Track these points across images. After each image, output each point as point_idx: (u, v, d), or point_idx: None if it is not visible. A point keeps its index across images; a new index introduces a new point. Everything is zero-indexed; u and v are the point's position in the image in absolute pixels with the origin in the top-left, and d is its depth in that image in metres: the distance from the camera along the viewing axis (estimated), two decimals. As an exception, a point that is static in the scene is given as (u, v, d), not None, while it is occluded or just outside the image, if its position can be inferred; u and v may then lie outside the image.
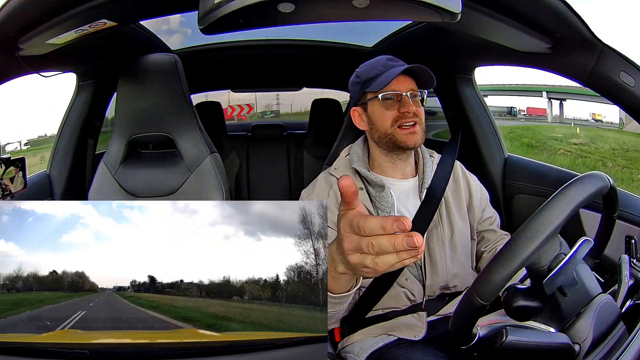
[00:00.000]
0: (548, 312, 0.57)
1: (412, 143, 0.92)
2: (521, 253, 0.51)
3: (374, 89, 0.93)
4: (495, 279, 0.51)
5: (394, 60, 0.96)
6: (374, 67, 0.96)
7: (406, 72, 0.92)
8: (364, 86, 0.96)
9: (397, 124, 0.92)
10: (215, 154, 1.24)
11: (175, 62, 1.19)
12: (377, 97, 0.93)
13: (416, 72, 0.93)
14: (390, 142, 0.94)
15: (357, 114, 1.01)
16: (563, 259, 0.55)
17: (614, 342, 0.56)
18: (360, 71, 0.99)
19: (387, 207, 0.94)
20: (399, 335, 0.90)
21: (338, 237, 0.49)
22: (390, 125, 0.93)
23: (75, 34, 0.82)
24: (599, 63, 0.82)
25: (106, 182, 1.19)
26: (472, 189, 1.04)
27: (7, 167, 0.93)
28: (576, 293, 0.57)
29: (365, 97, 0.97)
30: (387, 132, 0.94)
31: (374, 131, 0.97)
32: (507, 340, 0.52)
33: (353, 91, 1.01)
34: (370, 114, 0.97)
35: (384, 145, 0.96)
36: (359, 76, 0.98)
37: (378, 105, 0.94)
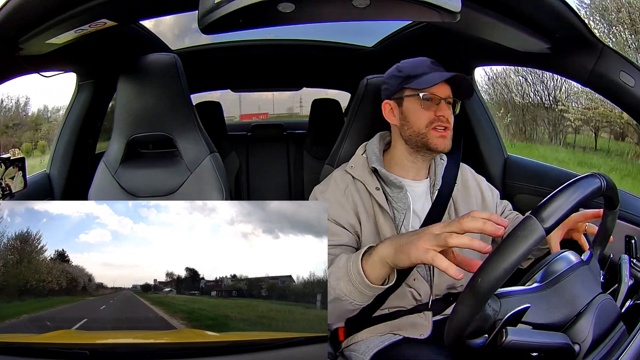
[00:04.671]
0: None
1: (442, 147, 0.93)
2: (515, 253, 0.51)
3: (415, 87, 0.94)
4: (499, 267, 0.51)
5: (437, 65, 0.97)
6: (419, 65, 0.96)
7: (446, 79, 0.93)
8: (405, 81, 0.96)
9: (432, 125, 0.93)
10: (215, 154, 1.24)
11: (175, 62, 1.19)
12: (418, 96, 0.94)
13: (456, 81, 0.94)
14: (421, 142, 0.94)
15: (389, 108, 1.00)
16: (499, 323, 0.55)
17: (613, 342, 0.56)
18: (403, 66, 0.99)
19: (403, 208, 0.94)
20: (405, 334, 0.91)
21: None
22: (425, 125, 0.93)
23: (75, 33, 0.82)
24: (599, 63, 0.82)
25: (106, 182, 1.19)
26: (483, 189, 1.05)
27: (7, 167, 0.93)
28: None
29: (402, 92, 0.97)
30: (421, 132, 0.94)
31: (405, 128, 0.97)
32: (507, 340, 0.52)
33: (390, 84, 1.00)
34: (405, 110, 0.97)
35: (413, 144, 0.96)
36: (401, 70, 0.98)
37: (416, 104, 0.95)
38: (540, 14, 0.77)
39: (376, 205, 0.94)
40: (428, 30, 1.31)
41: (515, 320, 0.55)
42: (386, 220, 0.93)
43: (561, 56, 0.87)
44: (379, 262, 0.70)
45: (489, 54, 1.24)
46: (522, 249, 0.50)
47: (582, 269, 0.61)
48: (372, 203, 0.94)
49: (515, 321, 0.55)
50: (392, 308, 0.93)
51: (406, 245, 0.65)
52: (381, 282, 0.73)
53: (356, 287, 0.72)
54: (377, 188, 0.95)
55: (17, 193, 0.96)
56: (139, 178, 1.20)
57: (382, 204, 0.93)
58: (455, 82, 0.94)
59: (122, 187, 1.18)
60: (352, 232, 0.93)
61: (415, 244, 0.64)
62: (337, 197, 0.96)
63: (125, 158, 1.21)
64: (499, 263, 0.50)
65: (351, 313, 0.84)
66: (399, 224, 0.94)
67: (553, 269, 0.61)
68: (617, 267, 0.67)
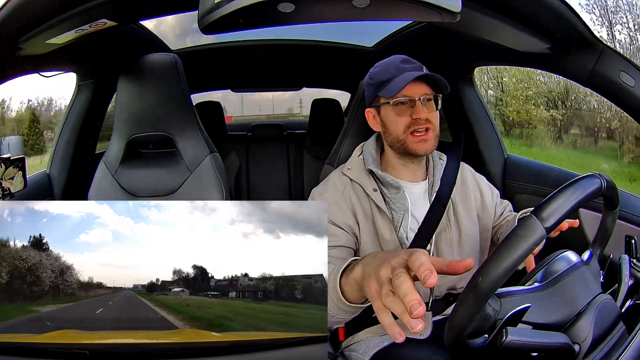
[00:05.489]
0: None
1: (422, 151, 0.92)
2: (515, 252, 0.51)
3: (385, 95, 0.92)
4: (500, 267, 0.51)
5: (408, 62, 0.93)
6: (387, 69, 0.94)
7: (420, 77, 0.89)
8: (377, 89, 0.95)
9: (410, 130, 0.91)
10: (215, 154, 1.24)
11: (175, 62, 1.19)
12: (389, 103, 0.92)
13: (429, 78, 0.91)
14: (402, 147, 0.94)
15: (372, 116, 0.99)
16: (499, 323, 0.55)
17: (613, 342, 0.56)
18: (374, 73, 0.97)
19: (401, 210, 0.94)
20: (405, 334, 0.90)
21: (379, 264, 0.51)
22: (402, 131, 0.92)
23: (75, 33, 0.82)
24: (599, 63, 0.82)
25: (106, 182, 1.19)
26: (482, 189, 1.04)
27: (7, 167, 0.93)
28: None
29: (378, 100, 0.96)
30: (400, 138, 0.93)
31: (387, 135, 0.96)
32: (507, 340, 0.52)
33: (367, 92, 1.00)
34: (384, 118, 0.96)
35: (396, 149, 0.96)
36: (372, 78, 0.97)
37: (390, 111, 0.93)
38: (540, 14, 0.77)
39: (374, 207, 0.94)
40: (428, 30, 1.31)
41: (515, 320, 0.55)
42: (384, 221, 0.92)
43: (561, 56, 0.87)
44: (354, 283, 0.61)
45: (488, 54, 1.24)
46: (523, 249, 0.49)
47: (582, 269, 0.61)
48: (370, 204, 0.94)
49: (515, 321, 0.55)
50: None
51: (366, 284, 0.53)
52: (361, 300, 0.63)
53: (335, 303, 0.66)
54: (375, 189, 0.94)
55: (17, 193, 0.96)
56: (139, 178, 1.20)
57: (380, 205, 0.92)
58: (428, 78, 0.91)
59: (122, 187, 1.18)
60: (350, 233, 0.93)
61: (370, 285, 0.52)
62: (335, 198, 0.96)
63: (125, 158, 1.21)
64: (500, 263, 0.50)
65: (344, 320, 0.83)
66: (398, 225, 0.93)
67: (553, 268, 0.61)
68: (617, 267, 0.67)
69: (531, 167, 1.37)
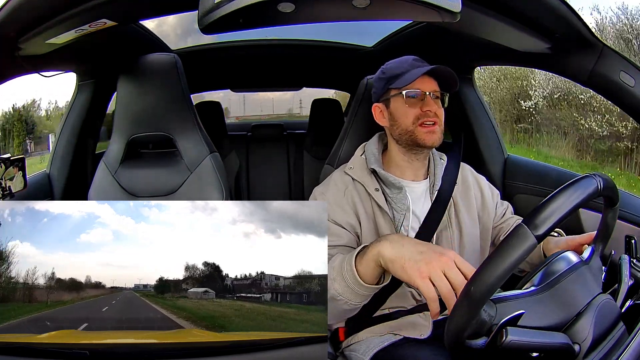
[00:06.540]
0: None
1: (430, 142, 0.93)
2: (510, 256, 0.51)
3: (398, 86, 0.95)
4: (491, 275, 0.51)
5: (420, 61, 0.98)
6: (400, 65, 0.97)
7: (430, 73, 0.94)
8: (389, 82, 0.98)
9: (419, 122, 0.93)
10: (215, 154, 1.24)
11: (175, 61, 1.19)
12: (401, 94, 0.95)
13: (439, 74, 0.95)
14: (410, 139, 0.95)
15: (379, 110, 1.01)
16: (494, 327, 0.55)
17: (613, 342, 0.56)
18: (386, 68, 1.00)
19: (403, 209, 0.95)
20: (405, 334, 0.91)
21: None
22: (411, 122, 0.94)
23: (75, 33, 0.82)
24: (599, 63, 0.82)
25: (106, 182, 1.19)
26: (482, 188, 1.05)
27: (7, 167, 0.93)
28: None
29: (388, 93, 0.99)
30: (408, 129, 0.95)
31: (394, 128, 0.98)
32: (507, 341, 0.52)
33: (377, 87, 1.02)
34: (393, 111, 0.98)
35: (404, 142, 0.97)
36: (385, 72, 1.00)
37: (401, 102, 0.96)
38: (540, 14, 0.76)
39: (375, 206, 0.94)
40: (428, 30, 1.31)
41: (510, 324, 0.55)
42: (386, 221, 0.93)
43: (561, 56, 0.87)
44: (373, 261, 0.70)
45: (488, 54, 1.24)
46: (513, 258, 0.50)
47: (582, 269, 0.61)
48: (372, 204, 0.94)
49: (511, 325, 0.55)
50: (392, 308, 0.93)
51: (409, 265, 0.66)
52: (375, 281, 0.73)
53: (350, 286, 0.72)
54: (377, 189, 0.95)
55: (17, 193, 0.96)
56: (139, 178, 1.20)
57: (382, 204, 0.93)
58: (439, 74, 0.95)
59: (122, 187, 1.18)
60: (352, 233, 0.93)
61: (419, 268, 0.64)
62: (336, 198, 0.96)
63: (126, 158, 1.21)
64: (491, 271, 0.50)
65: (349, 313, 0.84)
66: (399, 224, 0.94)
67: (553, 269, 0.61)
68: (617, 267, 0.67)
69: (531, 167, 1.37)
